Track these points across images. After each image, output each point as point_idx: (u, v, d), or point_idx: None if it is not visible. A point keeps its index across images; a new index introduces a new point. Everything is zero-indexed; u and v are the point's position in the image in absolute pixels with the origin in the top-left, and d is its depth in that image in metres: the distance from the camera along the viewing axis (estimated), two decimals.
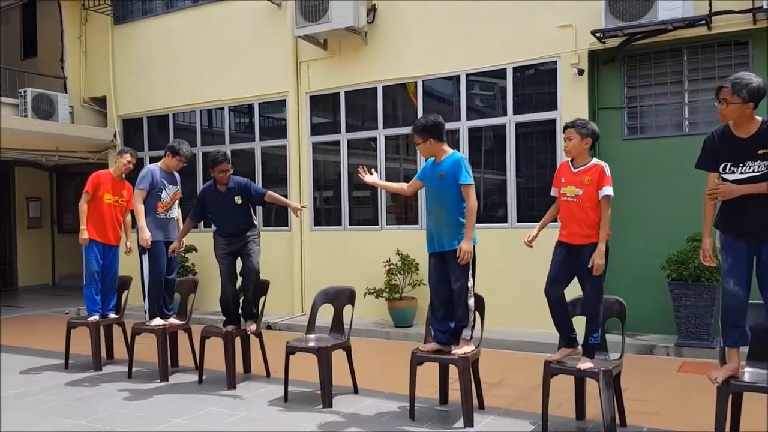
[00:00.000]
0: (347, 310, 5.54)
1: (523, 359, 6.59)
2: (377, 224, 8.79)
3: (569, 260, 4.29)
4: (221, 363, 5.71)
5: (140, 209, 6.09)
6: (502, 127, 7.86)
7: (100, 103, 11.38)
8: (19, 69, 12.00)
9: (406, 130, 8.54)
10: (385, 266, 8.12)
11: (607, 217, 4.18)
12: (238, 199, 5.77)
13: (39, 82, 11.14)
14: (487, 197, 8.02)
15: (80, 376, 6.22)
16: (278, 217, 9.61)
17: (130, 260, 7.82)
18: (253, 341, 6.04)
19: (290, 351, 5.25)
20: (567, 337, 4.35)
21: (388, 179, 8.69)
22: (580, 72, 7.29)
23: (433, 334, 4.75)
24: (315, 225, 9.29)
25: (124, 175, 6.76)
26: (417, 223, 8.39)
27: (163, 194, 6.22)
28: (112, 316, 6.69)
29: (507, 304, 7.30)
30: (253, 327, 5.77)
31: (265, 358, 5.95)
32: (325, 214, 9.38)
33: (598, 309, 4.22)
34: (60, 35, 11.43)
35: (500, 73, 7.91)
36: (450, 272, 4.58)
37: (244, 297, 5.82)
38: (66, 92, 11.15)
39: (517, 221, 7.71)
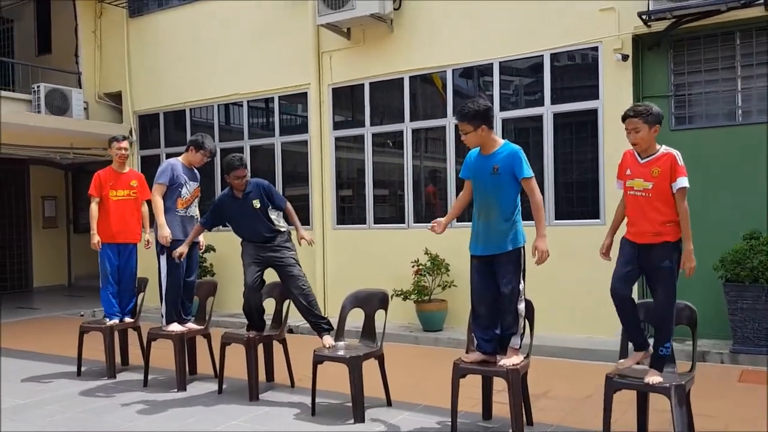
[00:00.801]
0: (379, 315, 5.11)
1: (567, 367, 6.12)
2: (403, 222, 8.34)
3: (638, 260, 3.82)
4: (242, 370, 5.31)
5: (159, 204, 5.68)
6: (539, 118, 7.37)
7: (116, 98, 11.05)
8: (33, 64, 11.70)
9: (435, 123, 8.11)
10: (413, 267, 7.67)
11: (685, 211, 3.71)
12: (256, 203, 5.36)
13: (53, 78, 10.83)
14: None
15: (93, 384, 5.85)
16: (299, 214, 9.15)
17: (147, 261, 7.47)
18: (277, 347, 5.63)
19: (318, 360, 4.82)
20: (639, 341, 3.88)
21: (415, 177, 8.27)
22: (624, 58, 6.79)
23: (476, 343, 4.29)
24: (338, 223, 8.87)
25: (128, 166, 6.42)
26: None
27: (184, 190, 5.82)
28: (128, 320, 6.32)
29: (545, 307, 6.76)
30: (330, 341, 5.11)
31: (290, 366, 5.53)
32: (349, 212, 8.95)
33: (670, 316, 3.75)
34: (74, 29, 11.12)
35: (537, 61, 7.42)
36: (499, 275, 4.12)
37: (305, 316, 5.38)
38: (80, 88, 10.83)
39: (555, 218, 7.22)
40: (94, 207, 6.22)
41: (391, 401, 4.93)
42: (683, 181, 3.70)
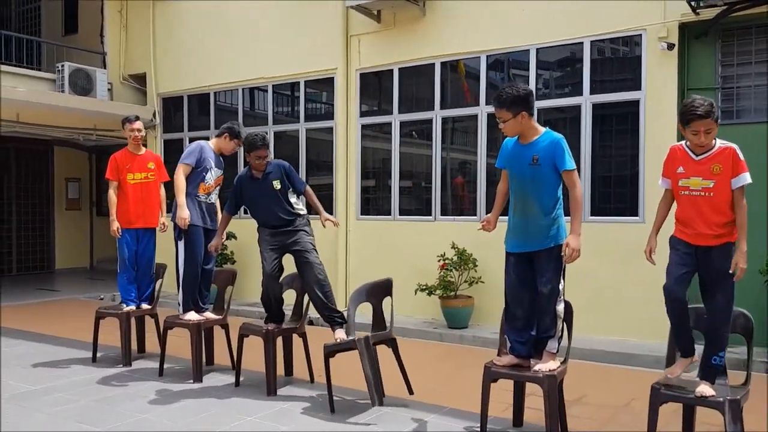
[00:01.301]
0: (387, 303, 4.87)
1: (601, 372, 5.81)
2: (430, 214, 8.05)
3: (694, 262, 3.50)
4: (260, 362, 5.09)
5: (182, 184, 5.40)
6: (577, 108, 7.02)
7: (140, 80, 10.90)
8: (58, 43, 11.59)
9: (466, 111, 7.80)
10: (439, 261, 7.39)
11: (745, 209, 3.38)
12: (276, 184, 5.12)
13: (78, 59, 10.71)
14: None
15: (108, 372, 5.68)
16: (322, 204, 8.93)
17: (165, 247, 7.30)
18: (296, 340, 5.40)
19: (329, 353, 4.60)
20: (687, 346, 3.57)
21: (443, 168, 7.97)
22: (670, 47, 6.42)
23: (509, 345, 4.01)
24: (362, 214, 8.60)
25: (144, 147, 6.23)
26: (475, 214, 7.63)
27: (208, 175, 5.57)
28: (145, 306, 6.14)
29: (576, 307, 6.49)
30: (343, 335, 4.89)
31: (309, 360, 5.29)
32: (373, 202, 8.69)
33: (726, 323, 3.45)
34: (100, 9, 10.97)
35: (576, 48, 7.07)
36: (538, 273, 3.83)
37: (318, 308, 5.13)
38: (105, 68, 10.69)
39: (591, 214, 6.88)
40: (112, 192, 6.03)
41: (411, 389, 4.72)
42: (746, 177, 3.38)
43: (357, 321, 4.75)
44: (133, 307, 6.04)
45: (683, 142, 3.69)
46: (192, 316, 5.47)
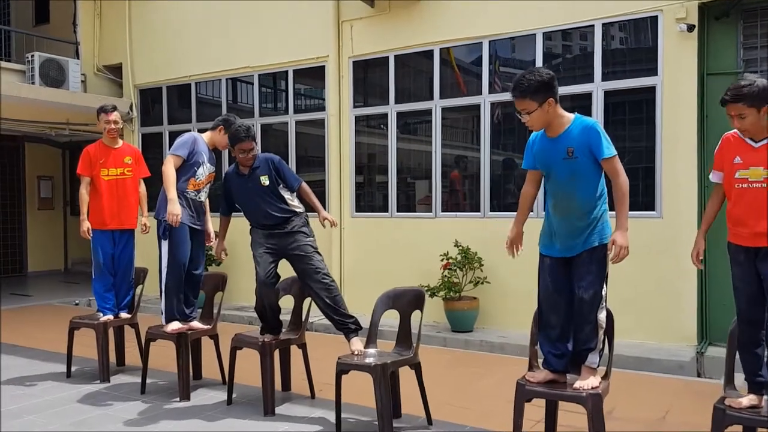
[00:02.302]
0: (415, 316, 4.37)
1: (620, 379, 5.32)
2: (431, 211, 7.57)
3: (756, 270, 3.07)
4: (254, 375, 4.61)
5: (172, 177, 4.79)
6: (588, 96, 6.55)
7: (116, 71, 10.27)
8: (27, 32, 10.92)
9: (467, 101, 7.32)
10: (441, 260, 6.92)
11: None
12: (264, 180, 4.64)
13: (50, 49, 10.06)
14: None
15: (84, 389, 5.12)
16: None
17: (146, 250, 6.75)
18: (294, 351, 4.89)
19: (342, 370, 4.10)
20: (752, 380, 3.12)
21: (443, 164, 7.49)
22: (690, 28, 5.99)
23: (544, 359, 3.54)
24: (357, 211, 8.09)
25: (121, 140, 5.67)
26: (479, 210, 7.16)
27: (200, 171, 4.98)
28: (124, 315, 5.59)
29: None
30: (359, 345, 4.38)
31: (309, 374, 4.79)
32: (369, 198, 8.19)
33: None
34: None
35: (587, 31, 6.62)
36: (577, 276, 3.37)
37: (329, 316, 4.64)
38: (78, 58, 10.04)
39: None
40: (83, 189, 5.49)
41: (431, 419, 4.20)
42: None
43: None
44: (110, 316, 5.50)
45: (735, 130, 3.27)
46: (175, 325, 4.91)
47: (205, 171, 5.01)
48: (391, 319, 4.53)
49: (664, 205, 6.19)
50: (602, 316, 3.40)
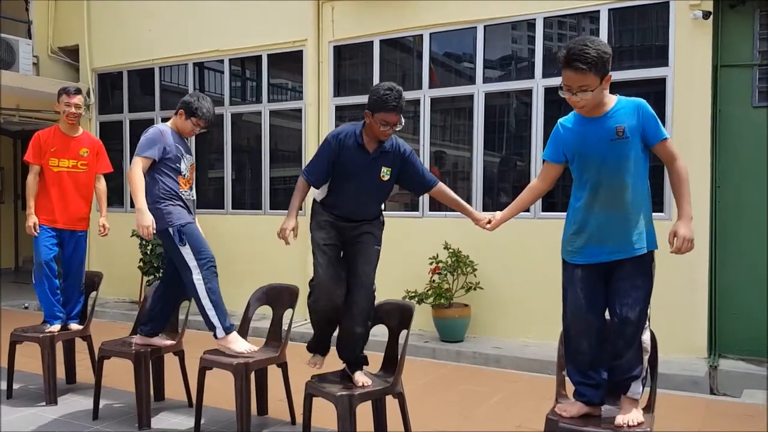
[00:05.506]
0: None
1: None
2: (417, 209, 7.01)
3: None
4: (222, 395, 3.98)
5: (140, 183, 3.97)
6: None
7: (72, 54, 9.49)
8: None
9: (461, 90, 6.77)
10: (430, 264, 6.36)
11: None
12: (386, 174, 3.62)
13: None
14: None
15: (27, 412, 4.42)
16: (287, 198, 7.77)
17: (103, 250, 6.04)
18: (272, 370, 4.27)
19: (311, 393, 3.52)
20: None
21: (433, 155, 6.93)
22: (706, 15, 5.55)
23: (575, 389, 3.00)
24: None
25: (81, 128, 4.97)
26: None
27: (183, 166, 4.19)
28: (74, 326, 4.90)
29: None
30: (365, 378, 3.57)
31: (290, 396, 4.18)
32: None
33: None
34: None
35: (591, 16, 6.13)
36: (621, 293, 2.82)
37: (348, 348, 3.68)
38: (30, 39, 9.21)
39: None
40: (31, 178, 4.80)
41: None
42: None
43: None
44: (58, 326, 4.79)
45: None
46: (240, 340, 4.05)
47: (187, 163, 4.26)
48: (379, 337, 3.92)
49: (673, 206, 5.72)
50: (646, 337, 2.87)
